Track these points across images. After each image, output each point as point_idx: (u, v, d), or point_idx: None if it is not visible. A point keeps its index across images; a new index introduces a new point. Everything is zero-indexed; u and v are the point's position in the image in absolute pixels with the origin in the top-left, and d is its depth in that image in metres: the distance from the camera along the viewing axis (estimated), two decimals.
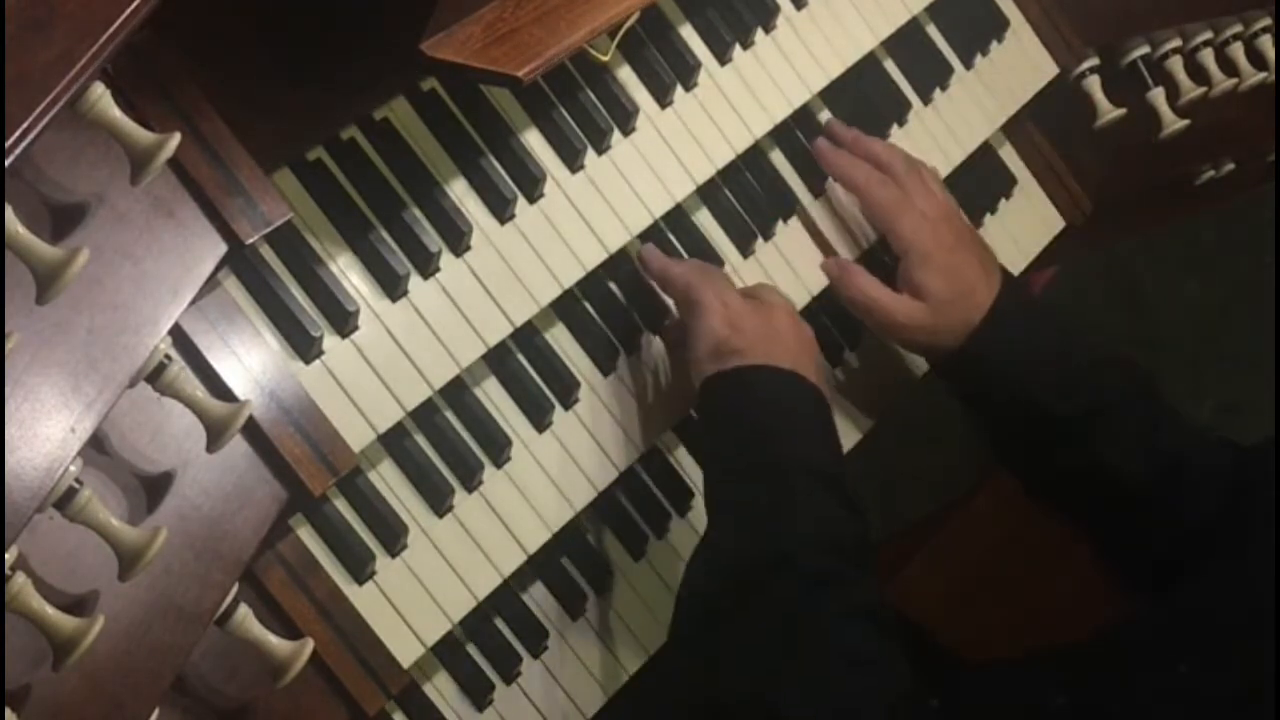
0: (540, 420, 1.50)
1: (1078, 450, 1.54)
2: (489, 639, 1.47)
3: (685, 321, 1.54)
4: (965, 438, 1.63)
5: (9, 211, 1.01)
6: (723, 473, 1.49)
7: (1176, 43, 1.98)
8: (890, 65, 1.84)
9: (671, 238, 1.62)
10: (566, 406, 1.52)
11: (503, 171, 1.48)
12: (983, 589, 2.18)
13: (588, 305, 1.55)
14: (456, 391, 1.45)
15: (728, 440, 1.49)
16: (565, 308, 1.54)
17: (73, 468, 1.08)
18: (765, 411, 1.48)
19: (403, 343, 1.39)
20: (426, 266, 1.42)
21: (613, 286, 1.58)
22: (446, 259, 1.44)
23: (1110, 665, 1.27)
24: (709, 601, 1.41)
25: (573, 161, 1.53)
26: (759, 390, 1.48)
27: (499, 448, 1.46)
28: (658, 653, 1.56)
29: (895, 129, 1.81)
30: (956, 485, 2.37)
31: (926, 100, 1.85)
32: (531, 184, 1.49)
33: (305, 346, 1.34)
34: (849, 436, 1.71)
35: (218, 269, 1.23)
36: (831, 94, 1.75)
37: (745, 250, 1.67)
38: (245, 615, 1.23)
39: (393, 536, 1.39)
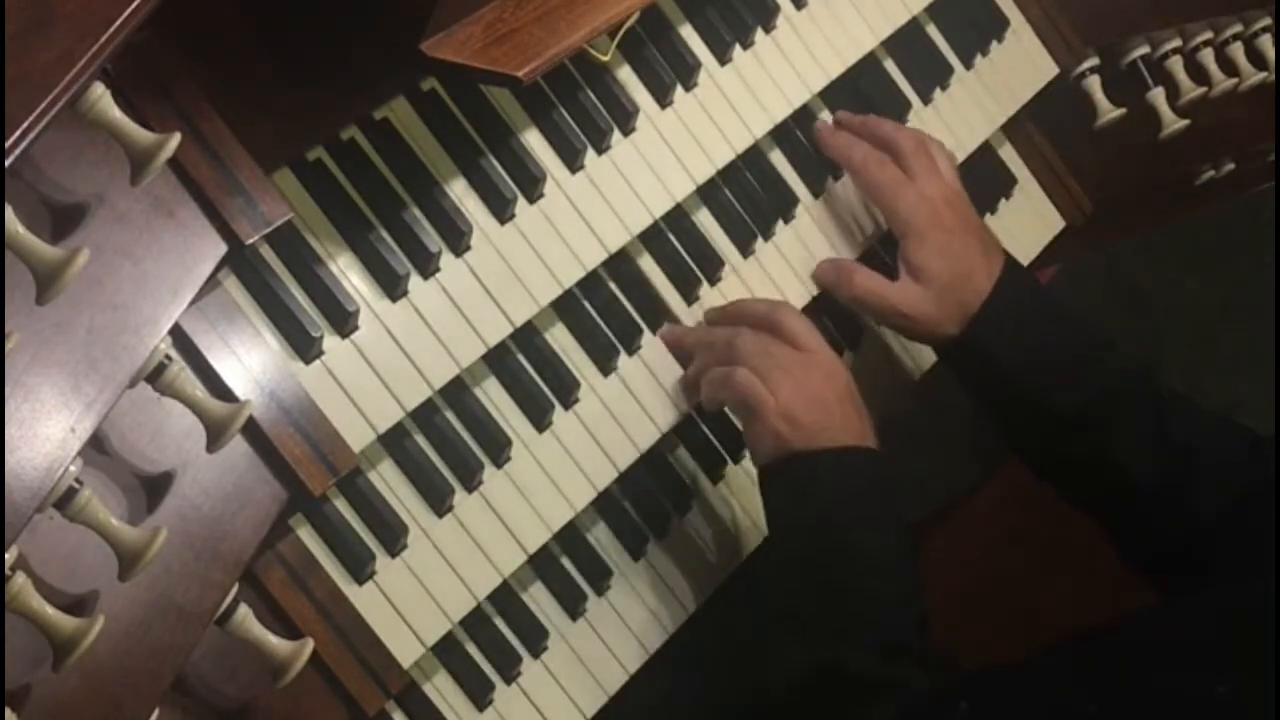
0: (540, 420, 1.50)
1: (1084, 441, 1.53)
2: (489, 639, 1.47)
3: (741, 419, 1.54)
4: (965, 438, 1.63)
5: (9, 211, 1.01)
6: (787, 565, 1.50)
7: (1176, 43, 1.98)
8: (890, 65, 1.84)
9: (672, 238, 1.62)
10: (566, 406, 1.52)
11: (503, 171, 1.48)
12: (983, 589, 2.18)
13: (588, 305, 1.55)
14: (456, 391, 1.45)
15: (793, 532, 1.50)
16: (565, 308, 1.53)
17: (73, 468, 1.08)
18: (823, 502, 1.48)
19: (403, 343, 1.39)
20: (426, 266, 1.42)
21: (613, 286, 1.58)
22: (446, 259, 1.44)
23: (1137, 666, 1.27)
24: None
25: (573, 161, 1.53)
26: (817, 480, 1.49)
27: (499, 448, 1.46)
28: (658, 652, 1.56)
29: None
30: (956, 485, 2.37)
31: (926, 100, 1.85)
32: (531, 184, 1.49)
33: (305, 346, 1.34)
34: None
35: (218, 269, 1.23)
36: (831, 94, 1.75)
37: (745, 250, 1.67)
38: (245, 615, 1.23)
39: (393, 536, 1.39)
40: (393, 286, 1.39)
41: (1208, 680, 1.21)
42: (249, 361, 1.29)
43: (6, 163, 0.96)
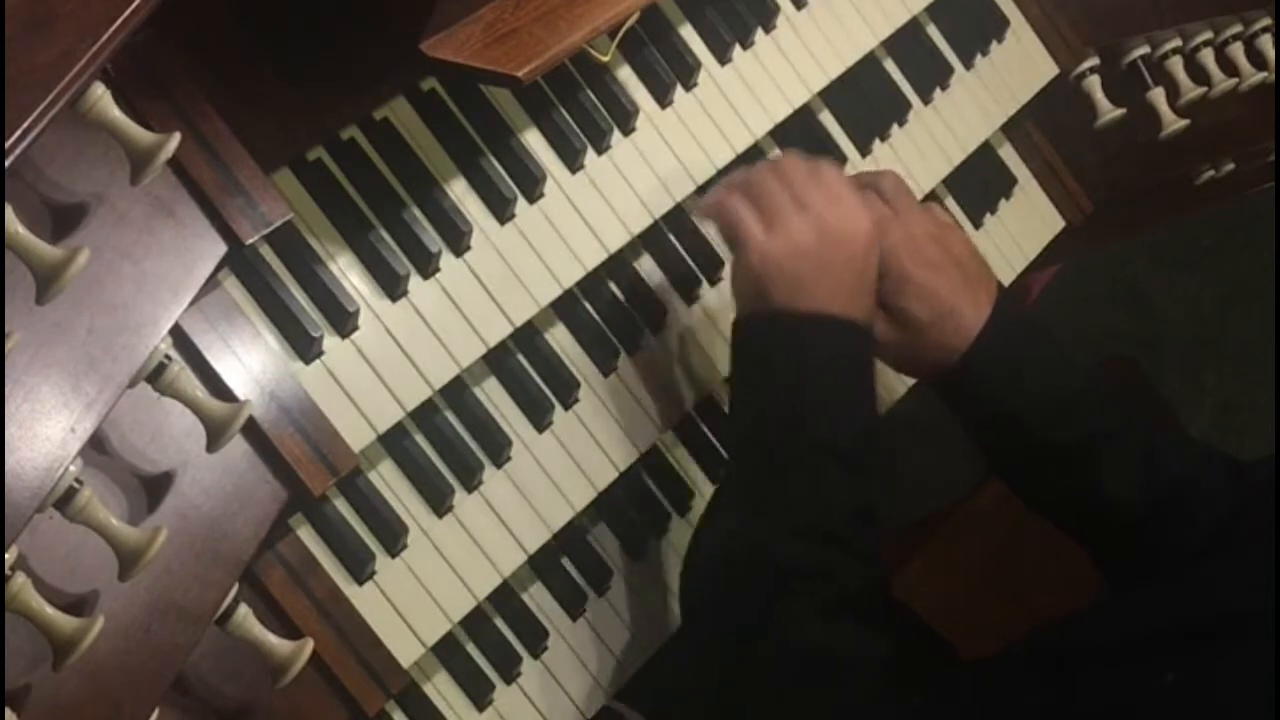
0: (540, 420, 1.50)
1: (1075, 476, 1.51)
2: (489, 639, 1.47)
3: (733, 255, 1.49)
4: (965, 438, 1.62)
5: (9, 211, 1.01)
6: (741, 433, 1.46)
7: (1176, 43, 1.98)
8: (890, 65, 1.84)
9: (672, 238, 1.62)
10: (566, 406, 1.52)
11: (503, 171, 1.48)
12: (983, 589, 2.18)
13: (588, 305, 1.55)
14: (456, 391, 1.45)
15: (749, 396, 1.45)
16: (565, 308, 1.53)
17: (73, 468, 1.08)
18: (784, 376, 1.42)
19: (403, 343, 1.39)
20: (426, 266, 1.42)
21: (613, 286, 1.58)
22: (446, 259, 1.44)
23: (1088, 663, 1.26)
24: (696, 582, 1.44)
25: (573, 161, 1.53)
26: (783, 346, 1.42)
27: (499, 448, 1.46)
28: (658, 652, 1.56)
29: (895, 129, 1.82)
30: (956, 485, 2.37)
31: (926, 100, 1.85)
32: (531, 184, 1.49)
33: (305, 346, 1.34)
34: None
35: (218, 269, 1.23)
36: (831, 94, 1.75)
37: None
38: (245, 615, 1.23)
39: (393, 536, 1.39)
40: (393, 286, 1.40)
41: (1155, 671, 1.20)
42: (249, 361, 1.29)
43: (6, 163, 0.96)
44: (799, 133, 1.73)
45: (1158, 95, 1.97)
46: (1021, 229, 1.94)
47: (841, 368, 1.44)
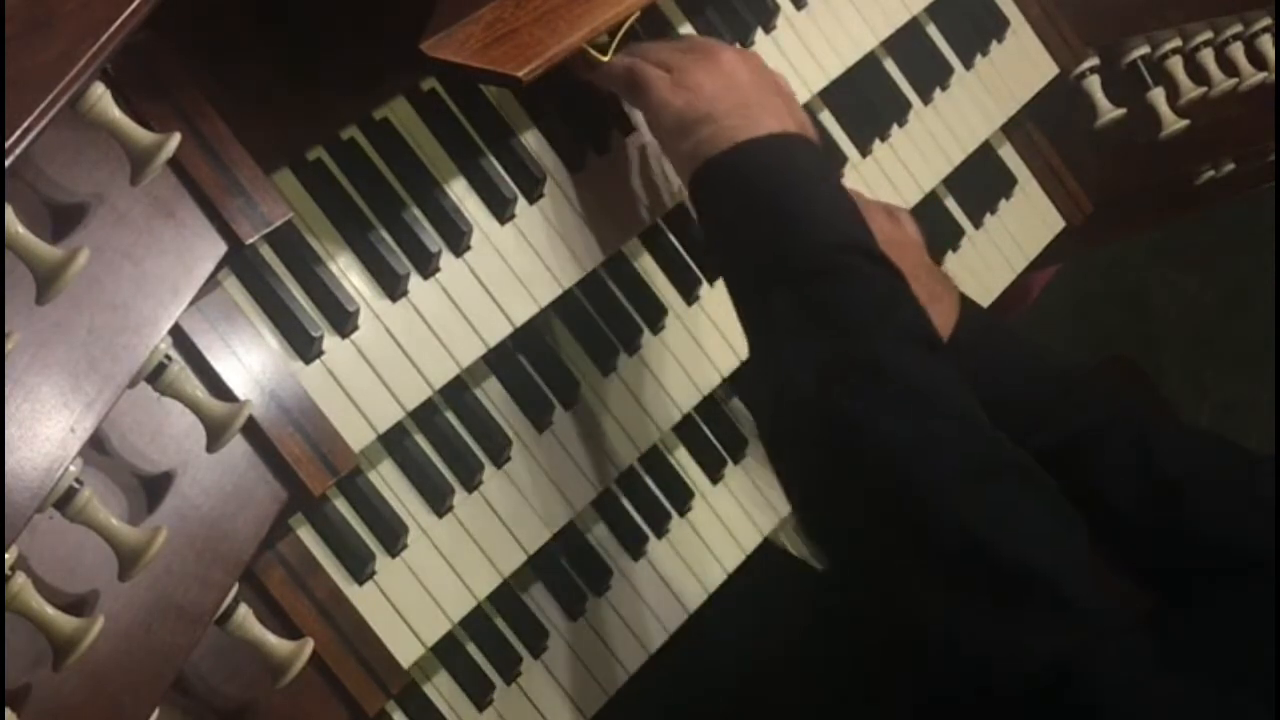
0: (540, 420, 1.50)
1: (1065, 478, 1.50)
2: (489, 639, 1.47)
3: (639, 108, 1.46)
4: None
5: (9, 211, 1.01)
6: (748, 282, 1.36)
7: (1176, 43, 1.98)
8: (890, 65, 1.84)
9: (672, 238, 1.62)
10: (566, 406, 1.52)
11: (503, 171, 1.48)
12: None
13: (588, 305, 1.55)
14: (456, 391, 1.46)
15: (741, 240, 1.37)
16: (565, 308, 1.54)
17: (73, 468, 1.08)
18: (774, 195, 1.34)
19: (403, 343, 1.39)
20: (426, 266, 1.42)
21: (613, 286, 1.58)
22: (446, 259, 1.44)
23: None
24: (808, 427, 1.27)
25: (572, 162, 1.53)
26: (757, 169, 1.35)
27: (499, 448, 1.46)
28: (657, 652, 1.56)
29: (895, 129, 1.82)
30: None
31: (926, 100, 1.85)
32: (531, 184, 1.49)
33: (305, 346, 1.34)
34: None
35: (218, 269, 1.23)
36: (831, 94, 1.75)
37: None
38: (245, 615, 1.23)
39: (393, 536, 1.39)
40: (393, 286, 1.40)
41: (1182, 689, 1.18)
42: (249, 361, 1.29)
43: (6, 163, 0.96)
44: None
45: (1158, 95, 1.97)
46: (1021, 229, 1.94)
47: (825, 176, 1.40)
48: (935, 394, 1.27)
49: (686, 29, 1.64)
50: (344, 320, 1.36)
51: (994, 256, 1.90)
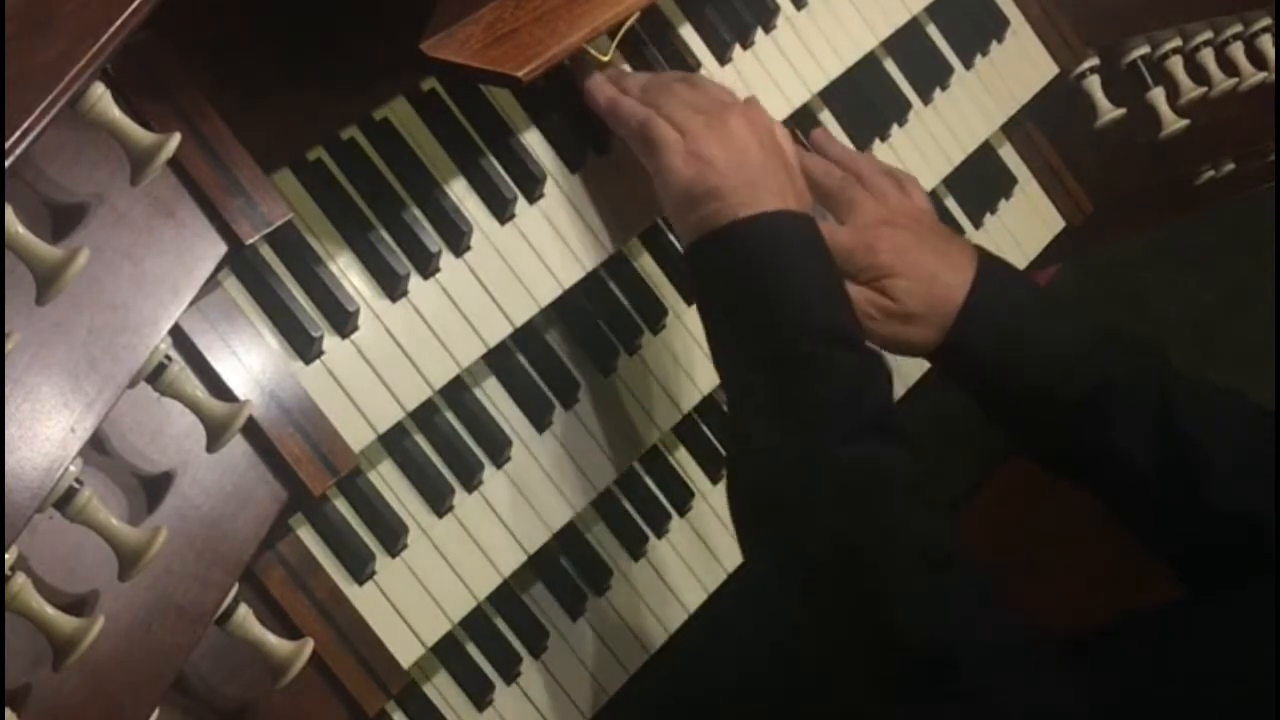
0: (540, 420, 1.50)
1: (1084, 433, 1.49)
2: (489, 639, 1.47)
3: (648, 166, 1.47)
4: (965, 438, 1.62)
5: (9, 211, 1.01)
6: (733, 353, 1.42)
7: (1176, 43, 1.98)
8: (890, 65, 1.84)
9: (672, 238, 1.62)
10: (567, 406, 1.52)
11: (503, 171, 1.48)
12: None
13: (588, 305, 1.55)
14: (456, 391, 1.46)
15: (730, 316, 1.41)
16: (565, 308, 1.53)
17: (73, 468, 1.08)
18: (765, 276, 1.38)
19: (403, 343, 1.39)
20: (426, 266, 1.42)
21: (613, 286, 1.58)
22: (446, 259, 1.44)
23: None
24: (761, 504, 1.37)
25: (572, 162, 1.53)
26: (752, 250, 1.39)
27: (499, 448, 1.46)
28: (658, 652, 1.56)
29: (895, 129, 1.82)
30: (957, 486, 2.37)
31: (926, 100, 1.85)
32: (531, 184, 1.49)
33: (305, 346, 1.34)
34: None
35: (218, 269, 1.23)
36: (831, 94, 1.75)
37: None
38: (245, 615, 1.23)
39: (393, 536, 1.39)
40: (393, 286, 1.40)
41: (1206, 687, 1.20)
42: (249, 361, 1.29)
43: (6, 163, 0.96)
44: (800, 133, 1.73)
45: (1158, 95, 1.97)
46: (1021, 229, 1.94)
47: (816, 257, 1.43)
48: (882, 486, 1.33)
49: (686, 29, 1.64)
50: (344, 320, 1.36)
51: None
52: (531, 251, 1.48)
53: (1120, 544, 1.58)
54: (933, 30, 1.89)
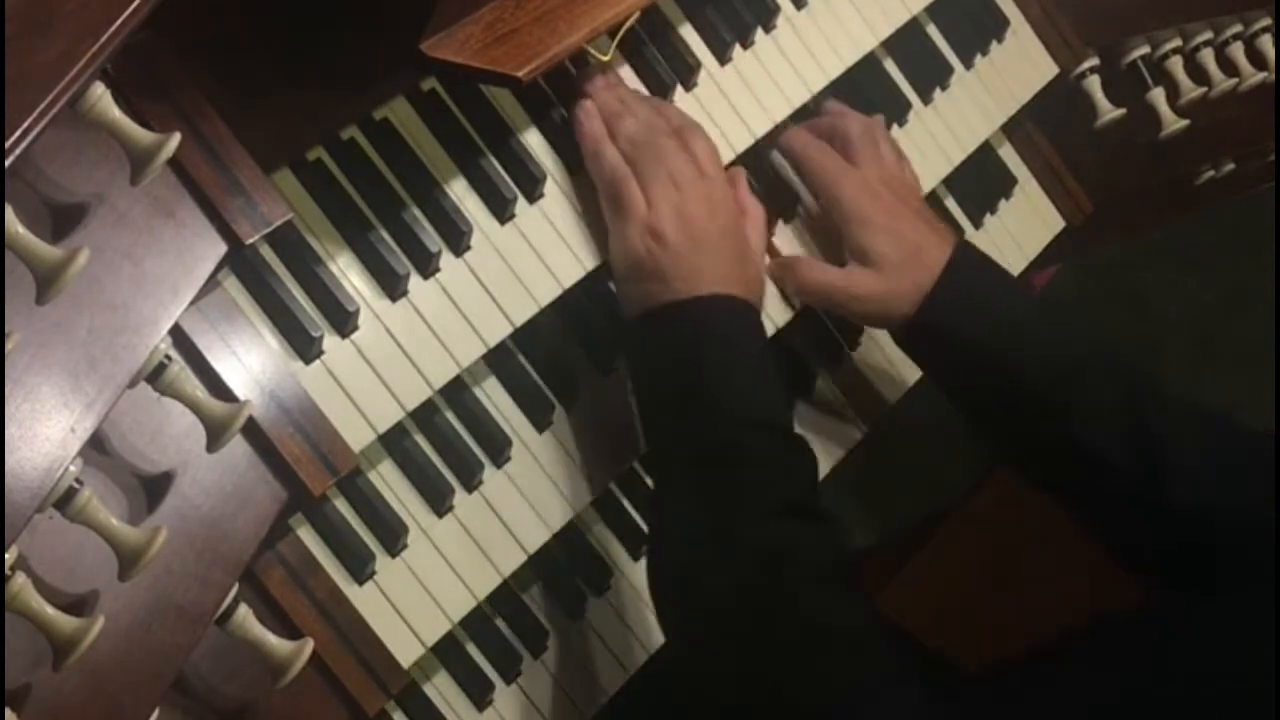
0: (540, 420, 1.50)
1: (1051, 422, 1.49)
2: (489, 639, 1.47)
3: (606, 215, 1.50)
4: (965, 438, 1.62)
5: (9, 211, 1.01)
6: (659, 432, 1.47)
7: (1176, 43, 1.98)
8: (890, 65, 1.84)
9: None
10: (567, 406, 1.52)
11: (503, 171, 1.48)
12: (983, 589, 2.18)
13: (588, 305, 1.55)
14: (456, 391, 1.46)
15: (657, 395, 1.46)
16: (565, 308, 1.53)
17: (73, 468, 1.08)
18: (692, 360, 1.42)
19: (403, 343, 1.39)
20: (426, 266, 1.42)
21: (613, 287, 1.57)
22: (446, 259, 1.44)
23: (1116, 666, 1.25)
24: (674, 581, 1.41)
25: (573, 162, 1.53)
26: (683, 332, 1.43)
27: (499, 448, 1.46)
28: (658, 651, 1.56)
29: (895, 129, 1.81)
30: (956, 487, 2.37)
31: (926, 100, 1.85)
32: (531, 184, 1.49)
33: (305, 346, 1.34)
34: (849, 439, 1.71)
35: (218, 269, 1.23)
36: (831, 94, 1.75)
37: None
38: (245, 615, 1.23)
39: (393, 536, 1.39)
40: (393, 286, 1.40)
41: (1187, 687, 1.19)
42: (249, 361, 1.29)
43: (6, 163, 0.96)
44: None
45: (1158, 95, 1.97)
46: (1021, 229, 1.94)
47: (751, 344, 1.46)
48: (789, 566, 1.34)
49: (686, 29, 1.64)
50: (344, 320, 1.36)
51: (994, 257, 1.89)
52: (531, 251, 1.48)
53: None
54: (933, 30, 1.88)
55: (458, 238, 1.44)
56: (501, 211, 1.47)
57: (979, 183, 1.91)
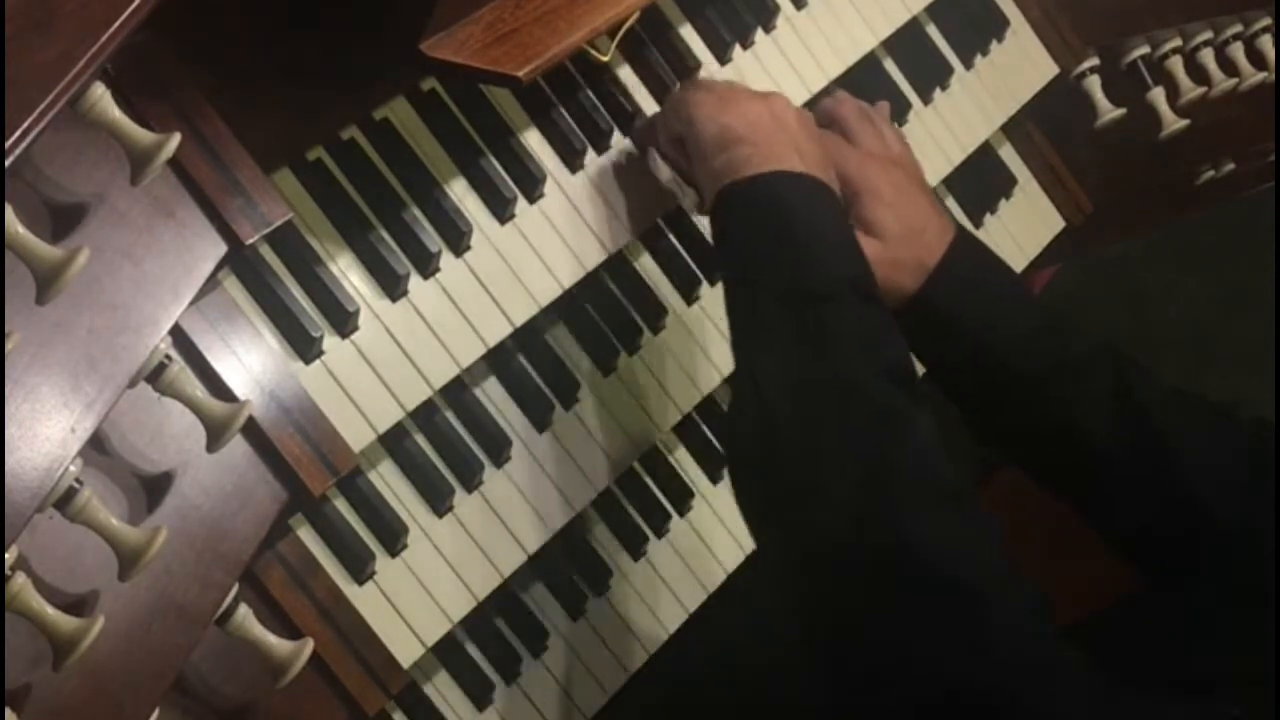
0: (540, 420, 1.50)
1: (1044, 408, 1.49)
2: (489, 639, 1.47)
3: (682, 117, 1.51)
4: (965, 437, 1.61)
5: (9, 211, 1.01)
6: (750, 296, 1.43)
7: (1176, 43, 1.98)
8: (890, 65, 1.84)
9: (672, 238, 1.62)
10: (567, 406, 1.52)
11: (503, 171, 1.48)
12: None
13: (588, 305, 1.55)
14: (456, 391, 1.46)
15: (760, 260, 1.43)
16: (565, 308, 1.54)
17: (73, 468, 1.08)
18: (790, 224, 1.42)
19: (403, 343, 1.39)
20: (426, 266, 1.42)
21: (613, 286, 1.58)
22: (446, 259, 1.44)
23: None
24: (774, 440, 1.34)
25: (573, 162, 1.53)
26: (780, 198, 1.44)
27: (499, 448, 1.46)
28: (658, 651, 1.56)
29: None
30: None
31: (926, 100, 1.85)
32: (531, 184, 1.49)
33: (305, 346, 1.34)
34: None
35: (218, 269, 1.23)
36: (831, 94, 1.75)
37: None
38: (245, 615, 1.23)
39: (393, 536, 1.39)
40: (393, 286, 1.40)
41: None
42: (249, 361, 1.29)
43: (6, 163, 0.96)
44: None
45: (1158, 95, 1.97)
46: (1021, 229, 1.94)
47: (839, 220, 1.47)
48: (904, 424, 1.32)
49: (686, 29, 1.64)
50: (344, 320, 1.36)
51: None
52: (531, 251, 1.48)
53: None
54: (933, 30, 1.89)
55: (458, 238, 1.44)
56: (501, 211, 1.47)
57: (979, 182, 1.91)
